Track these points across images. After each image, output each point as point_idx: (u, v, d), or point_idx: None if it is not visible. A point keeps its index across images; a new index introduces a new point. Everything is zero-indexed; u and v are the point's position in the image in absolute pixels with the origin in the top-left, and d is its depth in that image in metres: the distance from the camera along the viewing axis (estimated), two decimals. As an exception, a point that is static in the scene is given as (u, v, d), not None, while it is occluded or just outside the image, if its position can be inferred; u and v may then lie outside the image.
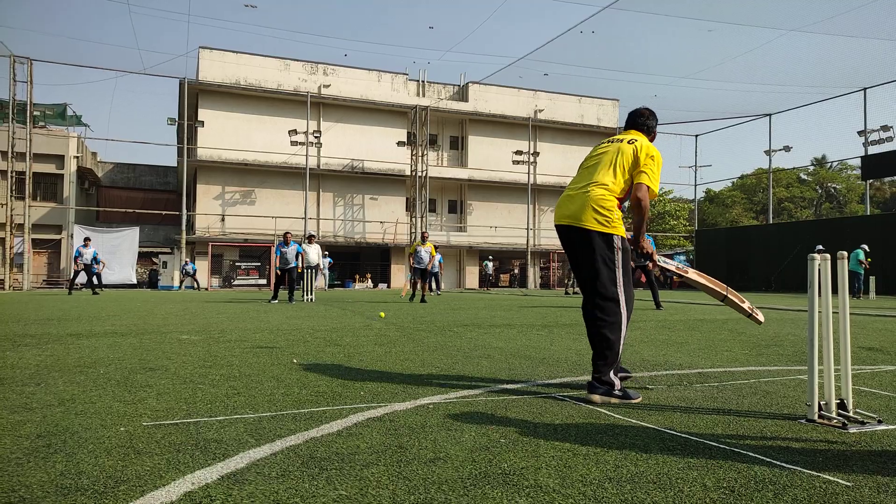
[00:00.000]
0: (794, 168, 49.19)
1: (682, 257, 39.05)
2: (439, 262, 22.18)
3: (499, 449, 2.25)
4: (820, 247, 18.68)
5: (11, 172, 25.65)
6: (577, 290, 23.61)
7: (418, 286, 15.12)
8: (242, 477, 1.91)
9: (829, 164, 52.79)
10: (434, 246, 15.67)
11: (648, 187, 3.14)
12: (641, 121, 3.46)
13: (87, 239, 20.38)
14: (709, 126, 37.62)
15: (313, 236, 15.83)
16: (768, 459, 2.15)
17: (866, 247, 19.20)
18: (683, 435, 2.47)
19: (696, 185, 39.59)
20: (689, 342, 5.86)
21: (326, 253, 30.06)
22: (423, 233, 15.99)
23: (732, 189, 57.27)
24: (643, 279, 12.10)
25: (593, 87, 35.07)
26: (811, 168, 53.14)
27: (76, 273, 19.90)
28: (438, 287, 22.09)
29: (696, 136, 38.92)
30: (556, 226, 3.35)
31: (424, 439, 2.36)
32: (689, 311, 10.83)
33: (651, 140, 3.42)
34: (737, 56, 26.14)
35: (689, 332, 6.96)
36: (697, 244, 35.01)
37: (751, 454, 2.22)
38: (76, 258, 19.56)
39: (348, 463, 2.06)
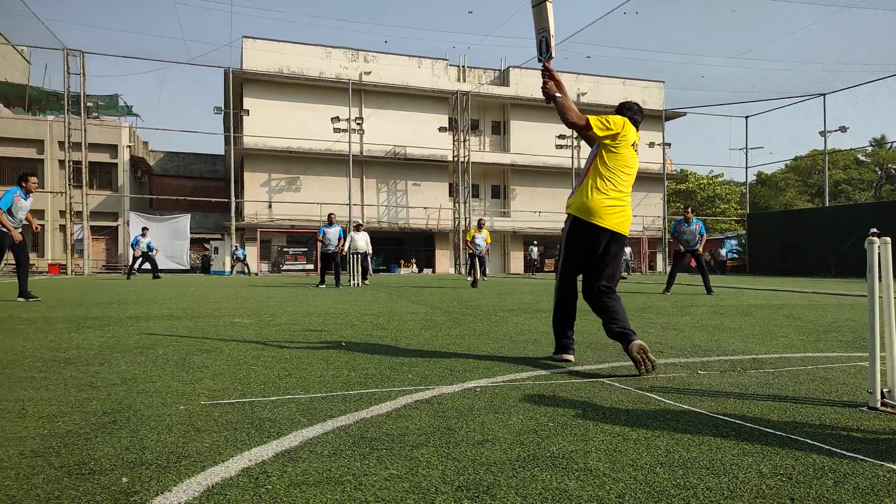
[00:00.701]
0: (850, 149, 47.23)
1: (734, 241, 38.06)
2: (487, 250, 22.53)
3: (547, 432, 2.25)
4: (874, 230, 17.86)
5: (69, 162, 26.65)
6: (626, 275, 23.51)
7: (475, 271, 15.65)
8: (296, 455, 1.96)
9: (889, 145, 50.49)
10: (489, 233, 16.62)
11: (586, 121, 3.62)
12: (640, 118, 3.88)
13: (144, 228, 21.15)
14: (760, 107, 36.38)
15: (361, 225, 16.01)
16: (827, 447, 2.09)
17: None
18: (737, 421, 2.43)
19: (746, 168, 38.43)
20: (743, 328, 5.73)
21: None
22: (479, 220, 16.68)
23: (786, 171, 55.42)
24: (693, 263, 11.84)
25: (638, 68, 34.31)
26: (870, 149, 50.94)
27: (135, 259, 20.74)
28: (484, 272, 22.20)
29: (747, 117, 37.70)
30: (598, 226, 3.64)
31: (472, 422, 2.37)
32: (742, 297, 10.57)
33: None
34: (788, 34, 25.18)
35: (742, 317, 6.80)
36: (749, 228, 34.04)
37: (809, 441, 2.16)
38: (133, 245, 20.41)
39: (398, 443, 2.09)
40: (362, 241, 15.23)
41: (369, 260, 16.16)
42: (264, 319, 6.26)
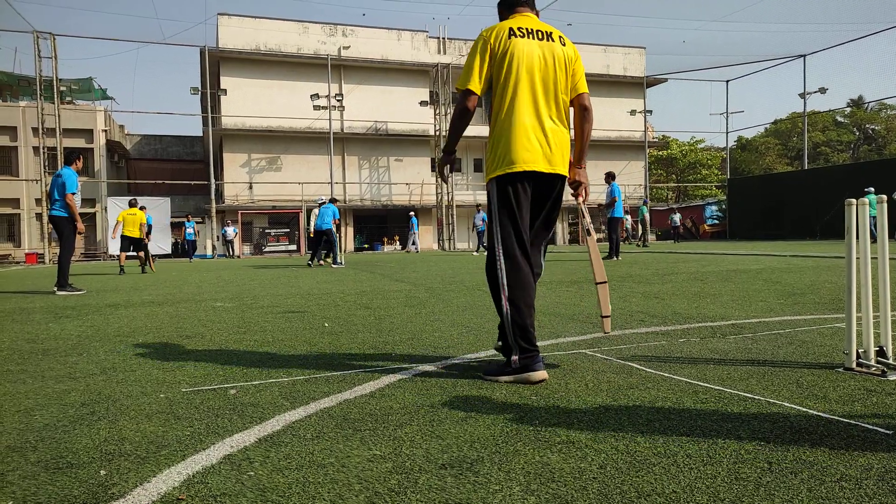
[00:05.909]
0: (829, 110, 47.48)
1: (715, 207, 38.31)
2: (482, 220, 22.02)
3: (530, 406, 2.26)
4: (870, 189, 17.99)
5: (43, 148, 26.10)
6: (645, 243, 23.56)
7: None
8: (279, 439, 1.96)
9: (867, 105, 50.85)
10: None
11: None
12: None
13: (188, 214, 21.62)
14: (740, 70, 36.37)
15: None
16: (804, 409, 2.12)
17: None
18: (717, 387, 2.45)
19: (727, 133, 38.54)
20: (722, 293, 5.78)
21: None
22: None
23: (766, 135, 55.70)
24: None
25: (618, 35, 34.12)
26: (848, 110, 51.27)
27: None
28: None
29: (727, 81, 37.69)
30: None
31: (456, 398, 2.38)
32: (722, 263, 10.67)
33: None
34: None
35: (722, 283, 6.87)
36: (729, 193, 34.29)
37: (786, 404, 2.19)
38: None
39: (381, 423, 2.09)
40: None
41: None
42: (247, 302, 6.22)
